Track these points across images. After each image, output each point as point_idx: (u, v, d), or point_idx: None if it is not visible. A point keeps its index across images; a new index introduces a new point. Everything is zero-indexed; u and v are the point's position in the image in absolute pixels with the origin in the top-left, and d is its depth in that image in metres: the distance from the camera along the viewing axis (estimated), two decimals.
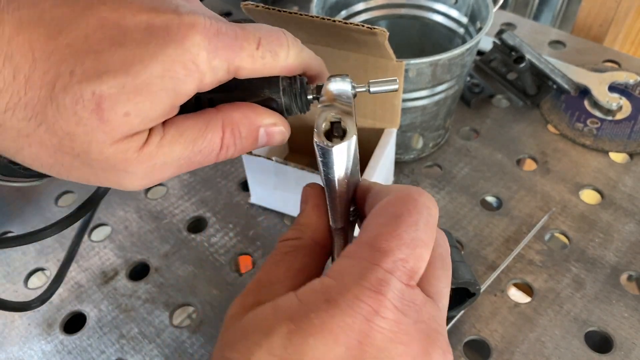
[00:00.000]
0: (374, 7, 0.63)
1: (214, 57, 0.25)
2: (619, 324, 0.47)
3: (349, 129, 0.25)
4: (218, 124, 0.27)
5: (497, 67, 0.71)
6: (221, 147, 0.27)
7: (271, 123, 0.29)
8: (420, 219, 0.24)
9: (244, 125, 0.28)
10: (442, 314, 0.24)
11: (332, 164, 0.26)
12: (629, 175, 0.59)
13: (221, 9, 0.88)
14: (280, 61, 0.29)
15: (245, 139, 0.28)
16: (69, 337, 0.49)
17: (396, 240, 0.23)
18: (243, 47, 0.26)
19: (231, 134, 0.27)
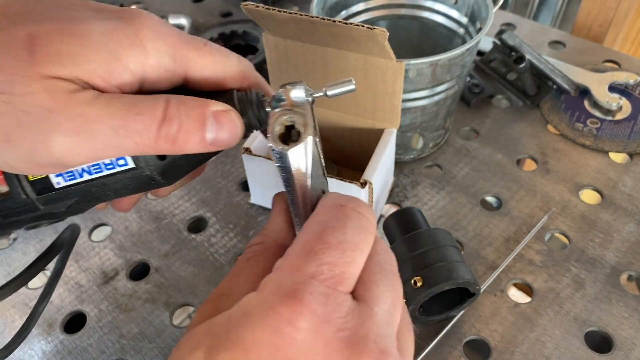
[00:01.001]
0: (374, 8, 0.63)
1: (159, 39, 0.25)
2: (619, 324, 0.47)
3: (304, 131, 0.25)
4: (163, 96, 0.26)
5: (497, 67, 0.71)
6: (164, 118, 0.25)
7: (222, 110, 0.27)
8: (349, 222, 0.24)
9: (192, 104, 0.26)
10: (376, 319, 0.22)
11: (290, 168, 0.26)
12: (628, 176, 0.59)
13: (221, 9, 0.88)
14: (232, 63, 0.29)
15: (192, 118, 0.26)
16: (69, 337, 0.49)
17: (321, 244, 0.22)
18: (189, 41, 0.27)
19: (176, 107, 0.25)
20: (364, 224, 0.24)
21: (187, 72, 0.28)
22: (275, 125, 0.25)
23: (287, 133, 0.26)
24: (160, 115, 0.25)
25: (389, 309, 0.23)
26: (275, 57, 0.51)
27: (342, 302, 0.21)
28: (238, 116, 0.28)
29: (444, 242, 0.45)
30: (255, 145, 0.52)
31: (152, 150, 0.26)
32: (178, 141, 0.26)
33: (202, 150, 0.27)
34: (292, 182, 0.26)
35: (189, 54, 0.27)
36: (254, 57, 0.68)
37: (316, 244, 0.23)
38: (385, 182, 0.55)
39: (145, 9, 0.89)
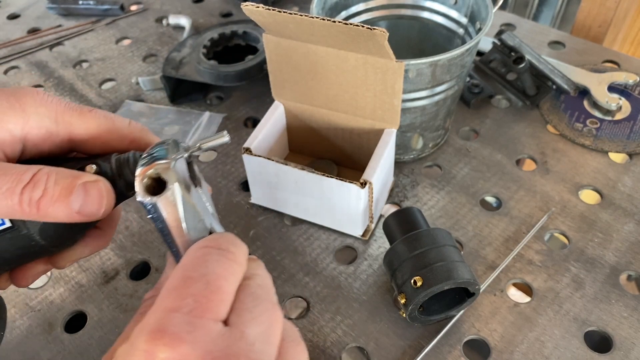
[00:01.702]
0: (374, 8, 0.64)
1: (40, 105, 0.28)
2: (618, 324, 0.47)
3: (169, 180, 0.26)
4: (37, 165, 0.27)
5: (496, 68, 0.71)
6: (29, 181, 0.26)
7: (92, 180, 0.28)
8: (210, 257, 0.25)
9: (63, 173, 0.27)
10: (248, 340, 0.23)
11: (161, 218, 0.26)
12: (628, 176, 0.59)
13: (221, 9, 0.88)
14: (119, 127, 0.30)
15: (59, 186, 0.27)
16: (70, 336, 0.49)
17: (184, 280, 0.24)
18: (73, 107, 0.29)
19: (46, 174, 0.27)
20: (226, 256, 0.25)
21: (71, 135, 0.29)
22: (139, 178, 0.26)
23: (158, 186, 0.26)
24: (27, 178, 0.26)
25: (265, 331, 0.24)
26: (275, 58, 0.52)
27: (210, 328, 0.23)
28: (107, 187, 0.28)
29: (443, 242, 0.45)
30: (256, 145, 0.52)
31: (17, 213, 0.27)
32: (42, 207, 0.27)
33: (68, 219, 0.27)
34: (167, 231, 0.27)
35: (72, 119, 0.29)
36: (254, 57, 0.68)
37: (179, 281, 0.24)
38: (385, 182, 0.55)
39: (146, 9, 0.89)
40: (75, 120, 0.29)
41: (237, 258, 0.26)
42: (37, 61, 0.81)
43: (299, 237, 0.55)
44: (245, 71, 0.67)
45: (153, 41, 0.83)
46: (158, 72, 0.76)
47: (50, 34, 0.85)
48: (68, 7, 0.88)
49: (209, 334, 0.22)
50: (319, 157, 0.61)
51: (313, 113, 0.56)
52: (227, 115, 0.69)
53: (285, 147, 0.62)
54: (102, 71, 0.78)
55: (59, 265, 0.33)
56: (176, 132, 0.67)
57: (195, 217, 0.27)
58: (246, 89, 0.73)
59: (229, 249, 0.26)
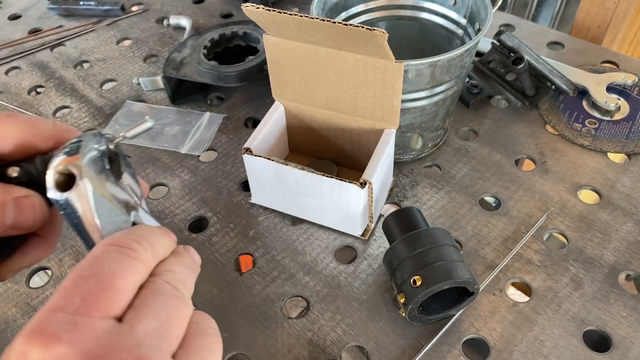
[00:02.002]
0: (374, 9, 0.64)
1: None
2: (617, 323, 0.47)
3: (78, 175, 0.26)
4: None
5: (495, 68, 0.71)
6: None
7: (24, 195, 0.28)
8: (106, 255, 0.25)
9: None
10: (137, 335, 0.23)
11: (74, 213, 0.26)
12: (627, 176, 0.59)
13: (222, 10, 0.89)
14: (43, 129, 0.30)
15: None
16: None
17: (75, 279, 0.24)
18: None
19: None
20: (126, 254, 0.25)
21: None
22: (50, 175, 0.26)
23: (71, 181, 0.26)
24: None
25: (161, 326, 0.24)
26: (275, 58, 0.52)
27: (95, 326, 0.23)
28: (39, 199, 0.29)
29: (443, 242, 0.45)
30: (256, 145, 0.52)
31: None
32: None
33: (2, 233, 0.28)
34: (81, 227, 0.27)
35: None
36: (254, 58, 0.69)
37: (70, 281, 0.24)
38: (384, 182, 0.55)
39: (146, 10, 0.90)
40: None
41: (140, 256, 0.26)
42: (38, 62, 0.81)
43: (299, 236, 0.56)
44: (245, 72, 0.67)
45: (154, 42, 0.83)
46: (159, 73, 0.76)
47: (51, 34, 0.85)
48: (69, 8, 0.88)
49: (92, 332, 0.22)
50: (319, 157, 0.61)
51: (313, 113, 0.56)
52: (227, 115, 0.69)
53: (285, 147, 0.62)
54: (103, 72, 0.78)
55: (1, 277, 0.32)
56: (177, 133, 0.67)
57: (112, 212, 0.27)
58: (246, 89, 0.73)
59: (132, 247, 0.25)
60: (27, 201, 0.28)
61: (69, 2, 0.88)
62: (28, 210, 0.28)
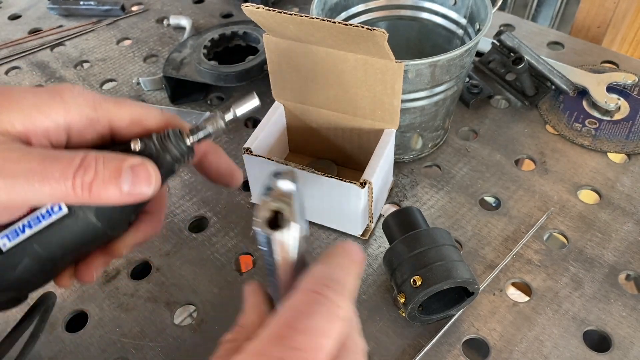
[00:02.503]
0: (374, 9, 0.64)
1: (79, 96, 0.30)
2: (617, 323, 0.47)
3: (291, 217, 0.26)
4: (83, 150, 0.29)
5: (495, 68, 0.71)
6: (80, 166, 0.27)
7: (139, 163, 0.29)
8: (319, 308, 0.24)
9: (110, 157, 0.29)
10: None
11: (275, 252, 0.26)
12: (627, 175, 0.59)
13: (222, 10, 0.89)
14: (154, 113, 0.32)
15: (109, 169, 0.28)
16: (71, 335, 0.49)
17: (289, 329, 0.23)
18: (109, 98, 0.31)
19: (94, 158, 0.28)
20: (334, 311, 0.25)
21: (111, 122, 0.31)
22: (262, 210, 0.26)
23: (274, 219, 0.27)
24: (77, 163, 0.28)
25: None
26: (275, 58, 0.52)
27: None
28: (154, 168, 0.30)
29: (443, 242, 0.45)
30: (256, 145, 0.52)
31: (71, 198, 0.28)
32: (94, 190, 0.28)
33: (119, 201, 0.29)
34: (275, 267, 0.27)
35: (109, 106, 0.31)
36: (254, 58, 0.69)
37: (284, 329, 0.24)
38: (384, 182, 0.55)
39: (146, 10, 0.90)
40: (113, 108, 0.31)
41: (343, 313, 0.25)
42: (38, 61, 0.81)
43: None
44: (245, 72, 0.67)
45: (154, 42, 0.83)
46: (159, 73, 0.76)
47: (51, 34, 0.85)
48: (69, 8, 0.88)
49: None
50: (319, 157, 0.61)
51: (313, 113, 0.56)
52: None
53: (285, 147, 0.62)
54: (103, 71, 0.78)
55: (117, 252, 0.34)
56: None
57: (301, 246, 0.27)
58: (246, 89, 0.73)
59: (338, 302, 0.25)
60: (143, 167, 0.29)
61: (69, 2, 0.88)
62: (143, 176, 0.29)
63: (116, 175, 0.28)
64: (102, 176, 0.28)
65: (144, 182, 0.29)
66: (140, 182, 0.29)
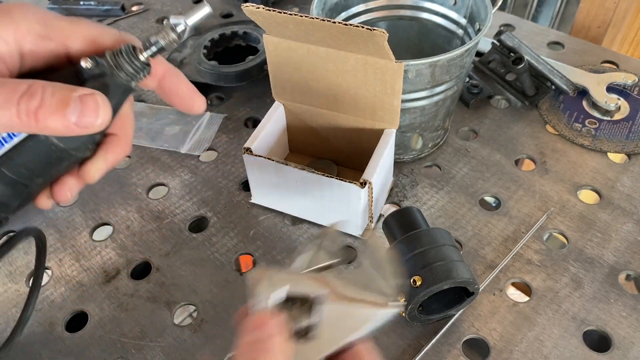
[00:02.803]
0: (374, 9, 0.64)
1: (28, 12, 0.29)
2: (617, 323, 0.47)
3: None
4: (32, 79, 0.28)
5: (495, 68, 0.71)
6: (25, 92, 0.27)
7: (88, 93, 0.28)
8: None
9: (58, 86, 0.28)
10: None
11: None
12: (627, 175, 0.59)
13: (222, 10, 0.89)
14: (109, 30, 0.31)
15: (55, 97, 0.27)
16: (71, 336, 0.49)
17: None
18: (61, 16, 0.30)
19: (41, 86, 0.27)
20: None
21: (65, 40, 0.30)
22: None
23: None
24: (23, 89, 0.27)
25: None
26: (275, 58, 0.52)
27: None
28: (103, 99, 0.29)
29: (442, 242, 0.45)
30: (256, 145, 0.52)
31: (16, 125, 0.27)
32: (39, 118, 0.27)
33: (67, 131, 0.28)
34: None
35: (62, 23, 0.30)
36: (255, 57, 0.69)
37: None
38: (384, 182, 0.55)
39: (146, 10, 0.90)
40: (66, 25, 0.30)
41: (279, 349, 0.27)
42: None
43: (300, 236, 0.56)
44: (245, 72, 0.67)
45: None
46: None
47: None
48: (69, 8, 0.88)
49: None
50: (319, 157, 0.61)
51: (313, 113, 0.56)
52: (227, 115, 0.69)
53: (285, 147, 0.62)
54: None
55: (89, 176, 0.33)
56: (177, 133, 0.67)
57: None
58: (246, 89, 0.73)
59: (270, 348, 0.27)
60: (92, 98, 0.28)
61: (69, 2, 0.88)
62: (92, 107, 0.28)
63: (63, 105, 0.27)
64: (49, 104, 0.27)
65: (92, 113, 0.28)
66: (89, 113, 0.28)
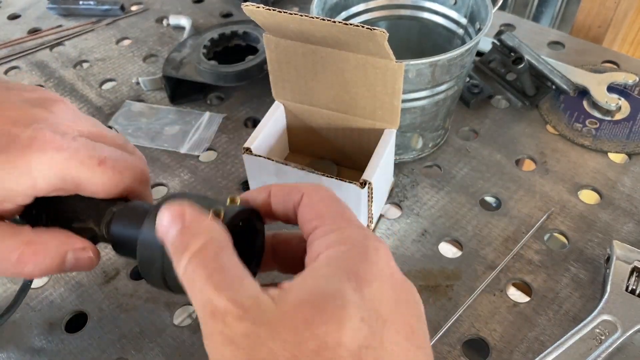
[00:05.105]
0: (374, 8, 0.64)
1: (48, 168, 0.29)
2: None
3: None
4: (24, 239, 0.30)
5: (496, 68, 0.71)
6: (17, 260, 0.30)
7: (80, 247, 0.31)
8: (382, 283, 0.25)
9: (50, 249, 0.31)
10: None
11: None
12: (627, 176, 0.59)
13: (222, 9, 0.89)
14: (126, 180, 0.33)
15: (51, 258, 0.30)
16: (70, 336, 0.49)
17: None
18: (83, 161, 0.31)
19: (34, 252, 0.30)
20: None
21: (79, 189, 0.31)
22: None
23: None
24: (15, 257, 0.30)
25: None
26: (275, 58, 0.52)
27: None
28: (94, 251, 0.32)
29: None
30: (256, 145, 0.52)
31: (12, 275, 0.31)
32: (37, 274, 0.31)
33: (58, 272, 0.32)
34: None
35: (80, 175, 0.31)
36: (254, 57, 0.68)
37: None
38: (384, 182, 0.55)
39: (146, 9, 0.90)
40: (84, 176, 0.31)
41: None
42: (37, 61, 0.81)
43: None
44: (245, 71, 0.67)
45: (153, 41, 0.83)
46: (158, 73, 0.76)
47: (50, 34, 0.85)
48: (68, 8, 0.88)
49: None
50: (319, 157, 0.61)
51: (313, 113, 0.56)
52: (227, 115, 0.69)
53: (285, 147, 0.62)
54: (103, 71, 0.78)
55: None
56: (176, 132, 0.67)
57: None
58: (246, 89, 0.73)
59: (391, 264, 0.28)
60: (84, 253, 0.32)
61: (69, 2, 0.88)
62: (84, 262, 0.32)
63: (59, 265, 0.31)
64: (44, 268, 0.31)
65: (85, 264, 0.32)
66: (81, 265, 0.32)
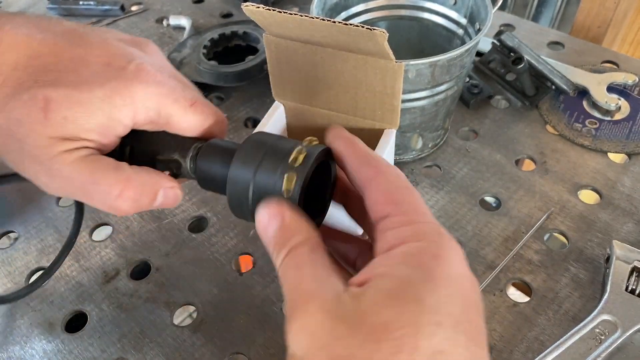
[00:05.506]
0: (374, 9, 0.64)
1: (149, 99, 0.32)
2: None
3: None
4: (125, 176, 0.32)
5: (496, 68, 0.71)
6: (119, 195, 0.31)
7: (170, 186, 0.34)
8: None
9: (146, 187, 0.33)
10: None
11: None
12: (627, 176, 0.59)
13: (222, 9, 0.89)
14: (210, 121, 0.35)
15: (146, 196, 0.33)
16: (70, 336, 0.49)
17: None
18: (177, 99, 0.33)
19: (133, 189, 0.32)
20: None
21: (167, 126, 0.34)
22: None
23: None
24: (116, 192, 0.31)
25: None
26: (275, 58, 0.52)
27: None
28: (181, 190, 0.35)
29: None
30: None
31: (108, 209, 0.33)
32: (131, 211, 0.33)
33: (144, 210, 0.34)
34: None
35: (173, 112, 0.33)
36: (254, 58, 0.68)
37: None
38: None
39: (146, 10, 0.90)
40: (176, 113, 0.33)
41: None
42: None
43: None
44: (245, 71, 0.67)
45: (153, 41, 0.83)
46: None
47: None
48: (68, 8, 0.88)
49: None
50: None
51: (313, 113, 0.56)
52: (227, 115, 0.69)
53: None
54: None
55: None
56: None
57: None
58: (246, 89, 0.73)
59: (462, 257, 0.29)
60: (173, 192, 0.34)
61: (69, 2, 0.88)
62: (173, 199, 0.34)
63: (151, 202, 0.33)
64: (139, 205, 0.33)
65: (172, 202, 0.34)
66: (168, 203, 0.34)
